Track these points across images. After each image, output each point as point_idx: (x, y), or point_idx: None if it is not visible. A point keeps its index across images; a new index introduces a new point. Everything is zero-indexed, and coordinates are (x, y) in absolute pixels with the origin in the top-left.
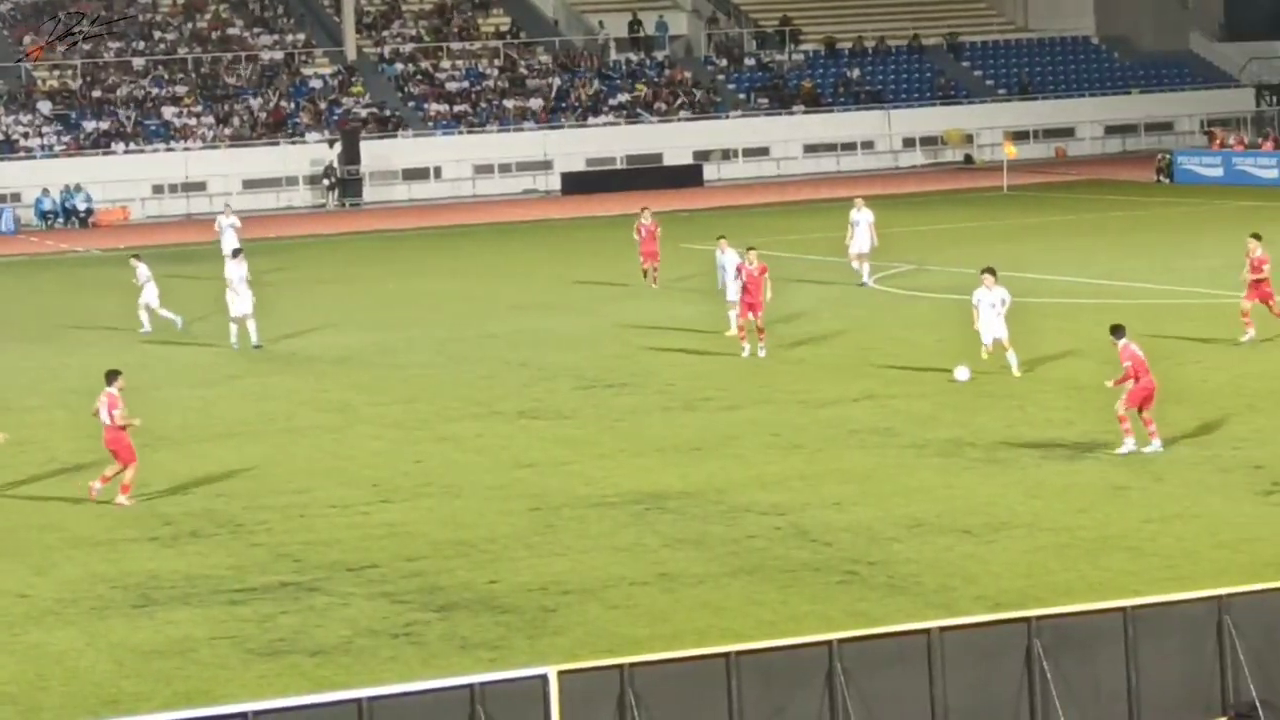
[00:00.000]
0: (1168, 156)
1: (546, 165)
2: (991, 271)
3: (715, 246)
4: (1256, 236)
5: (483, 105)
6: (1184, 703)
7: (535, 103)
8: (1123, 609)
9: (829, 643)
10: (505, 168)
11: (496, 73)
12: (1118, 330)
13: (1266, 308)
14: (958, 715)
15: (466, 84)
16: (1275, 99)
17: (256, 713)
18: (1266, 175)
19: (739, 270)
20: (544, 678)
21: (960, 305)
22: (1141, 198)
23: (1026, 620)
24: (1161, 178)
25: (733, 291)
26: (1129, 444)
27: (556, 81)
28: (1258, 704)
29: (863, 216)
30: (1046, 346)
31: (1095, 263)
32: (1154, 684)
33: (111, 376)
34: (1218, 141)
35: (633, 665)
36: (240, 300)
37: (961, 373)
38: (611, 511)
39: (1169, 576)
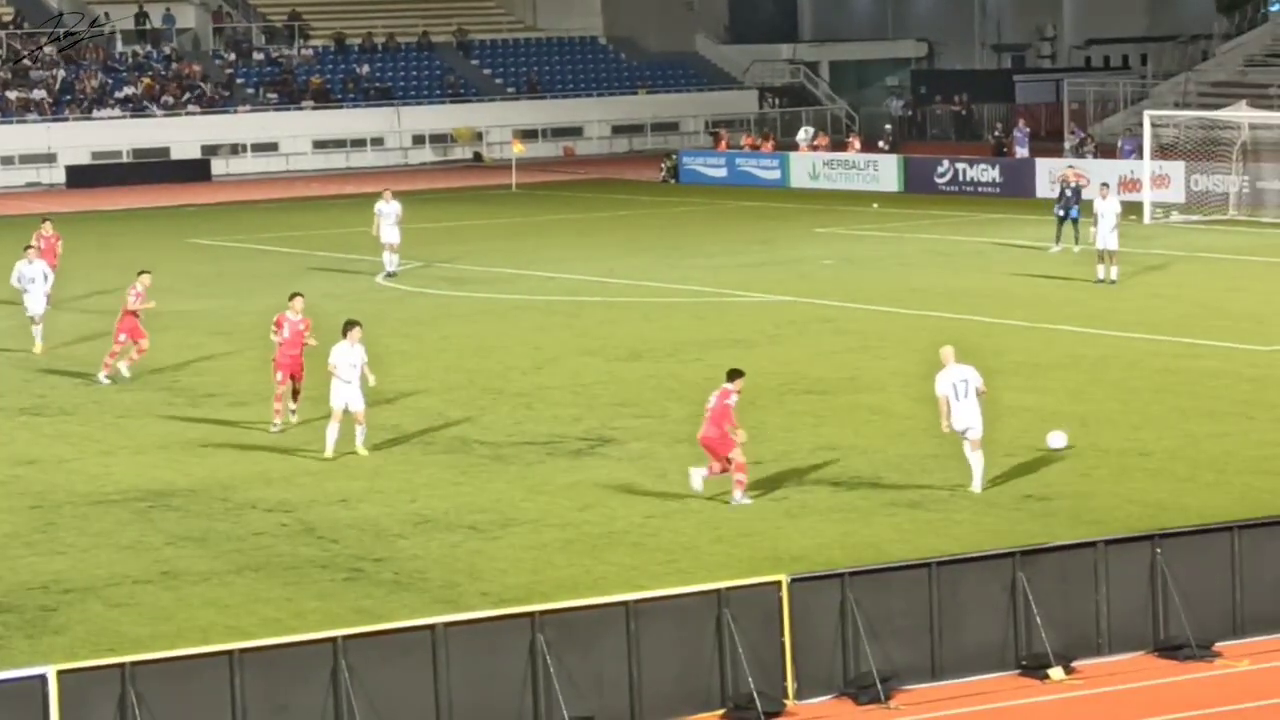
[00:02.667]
0: (673, 156)
1: (50, 158)
2: (356, 324)
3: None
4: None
5: None
6: (684, 694)
7: (39, 94)
8: (624, 603)
9: (334, 639)
10: (7, 160)
11: None
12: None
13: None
14: (462, 709)
15: None
16: (776, 101)
17: None
18: (768, 176)
19: None
20: (43, 678)
21: (465, 302)
22: (648, 197)
23: (530, 615)
24: (668, 177)
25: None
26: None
27: (61, 73)
28: (755, 695)
29: (390, 208)
30: (554, 344)
31: (601, 260)
32: (655, 676)
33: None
34: (723, 142)
35: (134, 664)
36: None
37: (1056, 439)
38: (114, 509)
39: (670, 571)
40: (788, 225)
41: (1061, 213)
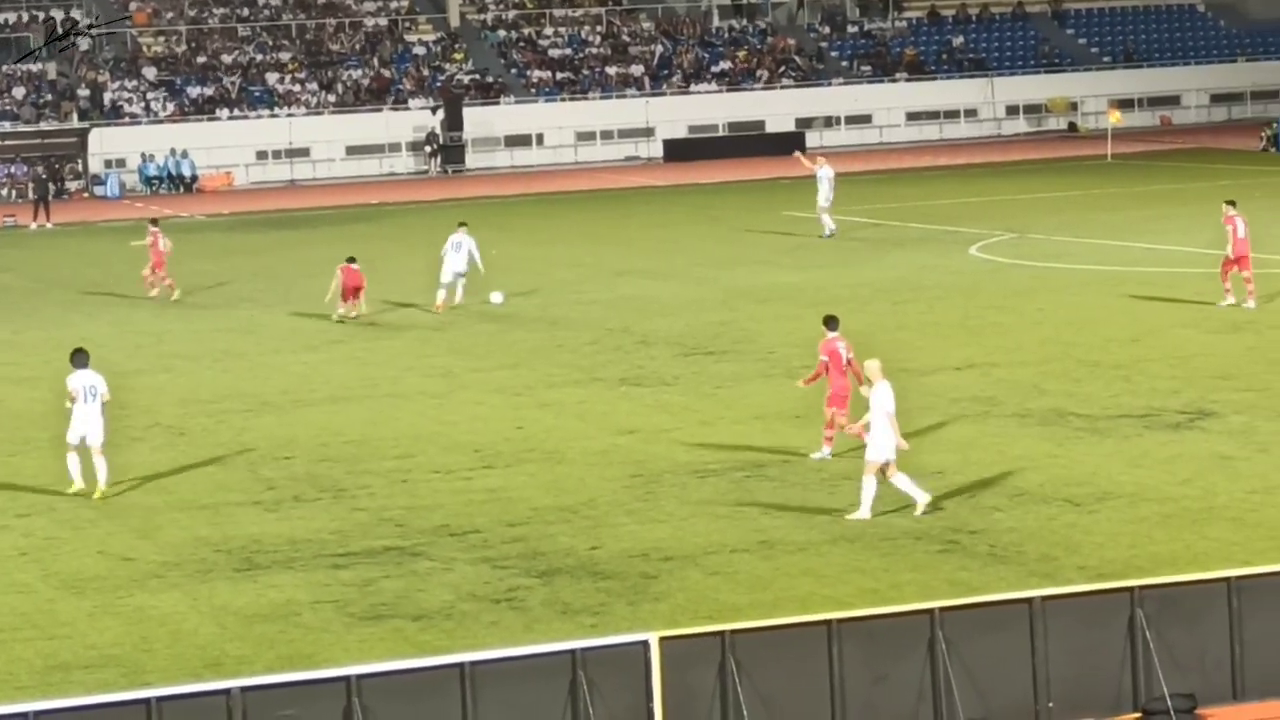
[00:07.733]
0: (1274, 125)
1: (648, 132)
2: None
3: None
4: (1231, 202)
5: (585, 72)
6: None
7: (637, 69)
8: (1226, 579)
9: (931, 611)
10: (607, 135)
11: (599, 40)
12: (831, 322)
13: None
14: (1060, 683)
15: (569, 51)
16: None
17: (359, 676)
18: None
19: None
20: (645, 644)
21: (1061, 274)
22: (1247, 166)
23: (1129, 590)
24: (1267, 147)
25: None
26: (825, 451)
27: (659, 49)
28: None
29: (824, 172)
30: (1152, 316)
31: (1200, 232)
32: (1258, 656)
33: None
34: None
35: (734, 632)
36: None
37: (496, 296)
38: (712, 478)
39: (1274, 547)
40: None
41: None
